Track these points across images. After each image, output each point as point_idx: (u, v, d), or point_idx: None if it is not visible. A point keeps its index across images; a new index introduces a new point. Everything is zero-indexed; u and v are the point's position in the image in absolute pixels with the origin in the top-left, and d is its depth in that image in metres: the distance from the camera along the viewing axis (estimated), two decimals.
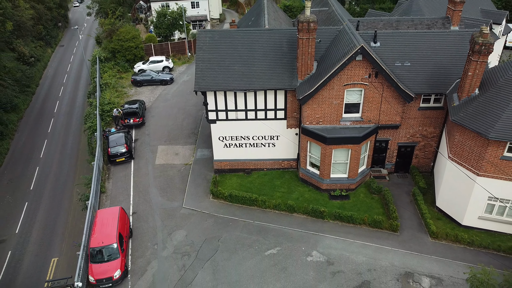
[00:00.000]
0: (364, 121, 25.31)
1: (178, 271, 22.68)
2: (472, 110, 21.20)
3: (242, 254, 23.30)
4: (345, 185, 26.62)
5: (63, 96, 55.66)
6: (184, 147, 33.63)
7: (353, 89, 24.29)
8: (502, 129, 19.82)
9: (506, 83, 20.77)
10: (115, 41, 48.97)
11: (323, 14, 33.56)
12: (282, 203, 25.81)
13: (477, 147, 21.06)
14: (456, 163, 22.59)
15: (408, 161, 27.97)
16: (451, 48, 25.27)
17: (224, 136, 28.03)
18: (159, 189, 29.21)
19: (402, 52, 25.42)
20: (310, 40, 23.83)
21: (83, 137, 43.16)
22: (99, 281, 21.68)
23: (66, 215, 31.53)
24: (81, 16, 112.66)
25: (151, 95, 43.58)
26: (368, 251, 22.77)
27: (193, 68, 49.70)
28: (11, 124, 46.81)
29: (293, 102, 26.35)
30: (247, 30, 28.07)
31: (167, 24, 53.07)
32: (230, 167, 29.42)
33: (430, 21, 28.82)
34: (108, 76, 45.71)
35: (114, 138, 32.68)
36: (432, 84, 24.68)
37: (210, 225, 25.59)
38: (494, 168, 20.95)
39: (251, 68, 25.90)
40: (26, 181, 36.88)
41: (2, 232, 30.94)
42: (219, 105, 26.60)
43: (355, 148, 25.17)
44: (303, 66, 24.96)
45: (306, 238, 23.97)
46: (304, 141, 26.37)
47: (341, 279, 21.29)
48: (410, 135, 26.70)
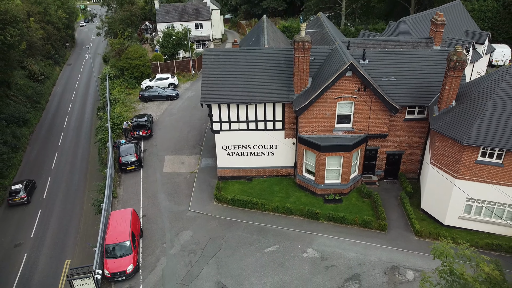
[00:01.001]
0: (355, 131, 27.82)
1: (185, 266, 24.84)
2: (450, 120, 23.77)
3: (243, 252, 25.48)
4: (338, 190, 28.95)
5: (72, 112, 58.53)
6: (190, 156, 36.12)
7: (344, 101, 26.90)
8: (475, 135, 22.33)
9: (479, 95, 23.41)
10: (124, 59, 52.01)
11: (317, 35, 36.50)
12: (280, 206, 28.13)
13: (454, 152, 23.54)
14: (437, 167, 25.02)
15: (396, 168, 30.39)
16: (433, 65, 27.97)
17: (227, 145, 30.54)
18: (167, 195, 31.57)
19: (389, 69, 28.13)
20: (305, 58, 26.59)
21: (92, 149, 45.71)
22: (113, 275, 23.81)
23: (78, 221, 33.78)
24: (86, 36, 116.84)
25: (158, 109, 46.31)
26: (359, 248, 24.98)
27: (197, 85, 52.77)
28: (24, 138, 49.45)
29: (290, 114, 28.94)
30: (248, 49, 30.95)
31: (173, 44, 56.23)
32: (233, 174, 31.82)
33: (415, 41, 31.69)
34: (117, 92, 48.54)
35: (124, 148, 35.21)
36: (415, 97, 27.31)
37: (214, 226, 27.84)
38: (470, 172, 23.37)
39: (252, 83, 28.59)
40: (39, 190, 39.24)
41: (18, 236, 33.09)
42: (223, 116, 29.20)
43: (346, 156, 27.63)
44: (299, 81, 27.65)
45: (302, 237, 26.19)
46: (301, 150, 28.86)
47: (334, 272, 23.45)
48: (397, 144, 29.20)
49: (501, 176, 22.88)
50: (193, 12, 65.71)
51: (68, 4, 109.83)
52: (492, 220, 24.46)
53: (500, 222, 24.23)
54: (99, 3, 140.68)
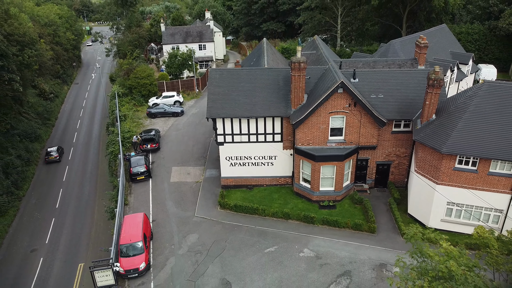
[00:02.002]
0: (347, 143, 30.60)
1: (192, 265, 27.23)
2: (430, 131, 26.59)
3: (245, 252, 27.90)
4: (332, 197, 31.54)
5: (80, 128, 61.61)
6: (195, 168, 38.82)
7: (337, 116, 29.77)
8: (452, 145, 25.11)
9: (455, 109, 26.30)
10: (132, 78, 55.29)
11: (313, 56, 39.69)
12: (279, 211, 30.68)
13: (434, 160, 26.27)
14: (420, 175, 27.71)
15: (386, 177, 33.04)
16: (417, 83, 30.93)
17: (230, 156, 33.27)
18: (174, 202, 34.14)
19: (377, 86, 31.12)
20: (301, 77, 29.61)
21: (101, 163, 48.49)
22: (127, 271, 26.20)
23: (89, 228, 36.28)
24: (92, 56, 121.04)
25: (164, 125, 49.25)
26: (350, 248, 27.42)
27: (201, 102, 55.92)
28: (35, 152, 52.32)
29: (288, 127, 31.79)
30: (250, 69, 34.06)
31: (178, 64, 59.62)
32: (235, 183, 34.46)
33: (401, 61, 34.79)
34: (126, 109, 51.56)
35: (135, 160, 37.96)
36: (401, 112, 30.20)
37: (218, 229, 30.32)
38: (448, 178, 26.05)
39: (253, 99, 31.54)
40: (51, 200, 41.84)
41: (33, 242, 35.53)
42: (226, 129, 32.04)
43: (339, 165, 30.34)
44: (295, 97, 30.60)
45: (299, 239, 28.65)
46: (297, 160, 31.59)
47: (327, 269, 25.85)
48: (386, 154, 31.93)
49: (476, 182, 25.54)
50: (197, 34, 69.43)
51: (76, 26, 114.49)
52: (471, 222, 26.96)
53: (478, 224, 26.72)
54: (106, 25, 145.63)
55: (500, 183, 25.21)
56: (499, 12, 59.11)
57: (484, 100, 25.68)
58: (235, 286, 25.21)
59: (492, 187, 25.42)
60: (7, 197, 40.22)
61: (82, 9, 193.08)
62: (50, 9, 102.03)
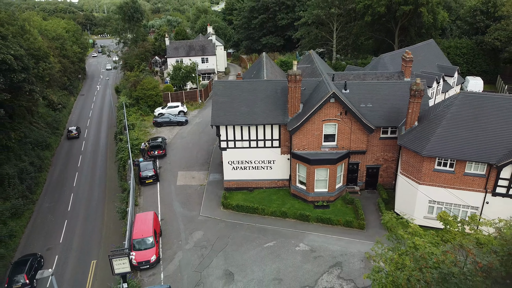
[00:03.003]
0: (339, 148, 33.58)
1: (198, 258, 29.97)
2: (412, 136, 29.62)
3: (246, 247, 30.67)
4: (326, 198, 34.40)
5: (88, 137, 64.67)
6: (199, 172, 41.75)
7: (329, 123, 32.80)
8: (431, 148, 28.11)
9: (435, 117, 29.37)
10: (139, 90, 58.55)
11: (308, 69, 42.91)
12: (277, 211, 33.53)
13: (416, 162, 29.24)
14: (405, 176, 30.65)
15: (375, 180, 35.95)
16: (402, 94, 33.98)
17: (232, 161, 36.21)
18: (181, 203, 36.99)
19: (366, 97, 34.22)
20: (297, 88, 32.72)
21: (109, 170, 51.42)
22: (139, 263, 28.93)
23: (100, 228, 39.07)
24: (96, 69, 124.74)
25: (170, 133, 52.30)
26: (342, 242, 30.21)
27: (204, 112, 59.10)
28: (46, 160, 55.29)
29: (285, 133, 34.80)
30: (250, 81, 37.22)
31: (182, 76, 62.95)
32: (237, 186, 37.34)
33: (389, 74, 37.95)
34: (133, 118, 54.67)
35: (144, 165, 40.93)
36: (388, 120, 33.26)
37: (221, 227, 33.12)
38: (429, 178, 28.99)
39: (254, 108, 34.61)
40: (63, 204, 44.67)
41: (48, 242, 38.28)
42: (229, 136, 35.05)
43: (332, 168, 33.28)
44: (292, 106, 33.67)
45: (295, 235, 31.46)
46: (294, 164, 34.54)
47: (320, 261, 28.61)
48: (375, 159, 34.90)
49: (453, 181, 28.49)
50: (200, 48, 72.96)
51: (81, 39, 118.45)
52: None
53: None
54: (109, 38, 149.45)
55: (475, 183, 28.14)
56: (485, 27, 62.69)
57: (460, 109, 28.77)
58: (237, 276, 27.93)
59: (468, 186, 28.35)
60: (22, 201, 43.00)
61: (85, 23, 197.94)
62: (58, 24, 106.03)
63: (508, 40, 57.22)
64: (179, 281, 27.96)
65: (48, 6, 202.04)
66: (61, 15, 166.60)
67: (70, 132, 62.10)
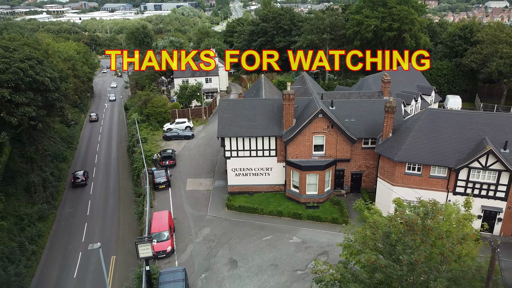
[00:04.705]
0: (327, 156, 39.22)
1: (206, 249, 35.26)
2: (387, 145, 35.34)
3: (247, 240, 36.01)
4: (316, 199, 39.86)
5: (100, 151, 70.49)
6: (206, 179, 47.33)
7: (318, 135, 38.51)
8: (402, 155, 33.80)
9: (405, 129, 35.19)
10: (150, 107, 64.57)
11: (301, 89, 48.94)
12: (274, 210, 38.98)
13: (390, 167, 34.88)
14: (382, 179, 36.25)
15: (359, 184, 41.48)
16: (381, 110, 39.74)
17: (236, 168, 41.79)
18: (190, 205, 42.43)
19: (350, 112, 40.04)
20: (290, 105, 38.57)
21: (122, 179, 57.02)
22: (157, 253, 34.20)
23: (117, 230, 44.52)
24: (102, 87, 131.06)
25: (178, 146, 58.03)
26: (328, 236, 35.59)
27: (208, 128, 64.95)
28: (64, 171, 60.91)
29: (281, 144, 40.49)
30: (251, 99, 43.15)
31: (188, 95, 69.03)
32: (239, 190, 42.82)
33: (370, 93, 43.94)
34: (144, 133, 60.48)
35: (157, 173, 46.56)
36: (368, 132, 39.01)
37: (226, 225, 38.48)
38: (401, 180, 34.58)
39: (254, 123, 40.39)
40: (82, 209, 50.18)
41: (72, 241, 43.74)
42: (233, 146, 40.71)
43: (321, 173, 38.86)
44: (286, 121, 39.45)
45: (289, 230, 36.83)
46: (289, 170, 40.14)
47: (310, 250, 33.95)
48: (358, 166, 40.52)
49: (421, 183, 34.08)
50: None
51: (90, 60, 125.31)
52: None
53: None
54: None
55: (439, 184, 33.75)
56: (463, 51, 69.20)
57: (425, 122, 34.61)
58: (240, 263, 33.20)
59: (433, 187, 33.93)
60: (46, 206, 48.39)
61: (90, 43, 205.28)
62: (70, 46, 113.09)
63: (483, 63, 63.52)
64: (191, 267, 33.22)
65: (52, 27, 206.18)
66: (65, 35, 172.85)
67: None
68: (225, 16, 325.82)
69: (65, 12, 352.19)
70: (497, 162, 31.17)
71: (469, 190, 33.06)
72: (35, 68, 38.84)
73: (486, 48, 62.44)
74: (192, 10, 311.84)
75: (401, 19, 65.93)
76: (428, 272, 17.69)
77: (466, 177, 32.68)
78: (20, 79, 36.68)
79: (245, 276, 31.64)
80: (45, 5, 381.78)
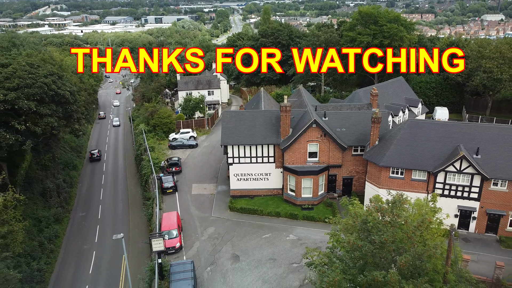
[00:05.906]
0: (320, 162, 43.23)
1: (211, 246, 39.06)
2: (374, 152, 39.43)
3: (248, 237, 39.83)
4: (311, 202, 43.77)
5: (107, 160, 74.49)
6: (210, 184, 51.28)
7: (312, 143, 42.58)
8: (386, 160, 37.86)
9: (390, 137, 39.33)
10: (156, 118, 68.80)
11: (298, 102, 53.21)
12: (272, 211, 42.90)
13: (376, 171, 38.91)
14: (369, 182, 40.24)
15: (350, 188, 45.42)
16: (369, 120, 43.86)
17: (237, 173, 45.77)
18: (196, 207, 46.32)
19: (341, 123, 44.19)
20: (287, 116, 42.71)
21: (130, 186, 60.99)
22: (167, 249, 37.92)
23: (127, 231, 48.29)
24: (106, 99, 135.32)
25: (183, 154, 62.08)
26: (322, 234, 39.29)
27: (211, 137, 69.08)
28: (75, 178, 64.87)
29: (278, 151, 44.54)
30: (251, 111, 47.33)
31: (191, 106, 73.30)
32: (241, 194, 46.75)
33: (360, 105, 48.16)
34: (151, 142, 64.58)
35: (165, 178, 50.53)
36: (358, 140, 43.11)
37: (229, 224, 42.34)
38: (386, 183, 38.57)
39: (254, 132, 44.48)
40: (94, 213, 54.05)
41: (86, 241, 47.51)
42: (235, 153, 44.74)
43: (315, 178, 42.85)
44: (284, 130, 43.55)
45: (286, 229, 40.71)
46: (285, 175, 44.14)
47: (305, 246, 37.69)
48: (349, 171, 44.54)
49: (404, 185, 38.07)
50: (206, 82, 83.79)
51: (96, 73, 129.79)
52: None
53: None
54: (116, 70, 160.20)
55: (420, 186, 37.76)
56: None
57: (408, 131, 38.78)
58: (242, 258, 37.00)
59: (415, 189, 37.92)
60: (61, 209, 52.21)
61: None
62: (76, 59, 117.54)
63: (468, 76, 67.94)
64: (198, 262, 36.99)
65: (55, 40, 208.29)
66: (68, 48, 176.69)
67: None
68: (225, 29, 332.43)
69: (66, 25, 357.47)
70: (470, 166, 35.25)
71: (446, 191, 37.06)
72: (57, 83, 43.07)
73: (470, 63, 66.85)
74: (192, 23, 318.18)
75: (391, 36, 70.58)
76: (396, 250, 21.66)
77: (444, 179, 36.72)
78: (44, 93, 40.85)
79: (246, 269, 35.40)
80: (47, 18, 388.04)
